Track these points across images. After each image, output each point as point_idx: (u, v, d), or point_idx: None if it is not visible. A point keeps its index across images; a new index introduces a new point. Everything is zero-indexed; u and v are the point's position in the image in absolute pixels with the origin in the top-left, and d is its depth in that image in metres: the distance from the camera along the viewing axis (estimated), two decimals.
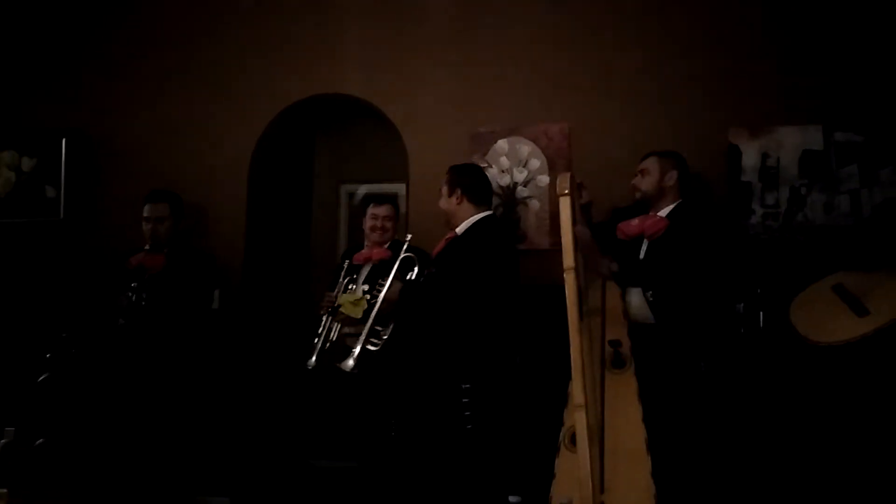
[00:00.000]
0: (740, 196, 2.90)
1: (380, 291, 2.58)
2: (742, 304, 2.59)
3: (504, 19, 3.26)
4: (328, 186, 4.25)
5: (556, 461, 1.69)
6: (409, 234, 2.72)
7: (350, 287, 2.89)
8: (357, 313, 2.73)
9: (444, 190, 2.65)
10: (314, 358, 2.78)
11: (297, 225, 4.08)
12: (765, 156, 2.90)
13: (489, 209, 2.67)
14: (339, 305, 2.77)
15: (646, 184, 2.56)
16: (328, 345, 2.83)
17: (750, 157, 2.91)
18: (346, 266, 2.97)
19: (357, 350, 2.47)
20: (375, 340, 2.56)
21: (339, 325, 2.84)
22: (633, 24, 3.11)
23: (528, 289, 2.68)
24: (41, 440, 2.77)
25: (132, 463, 2.87)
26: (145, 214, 3.11)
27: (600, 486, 1.46)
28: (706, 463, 2.21)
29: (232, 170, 3.45)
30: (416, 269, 2.62)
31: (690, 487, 2.07)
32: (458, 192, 2.61)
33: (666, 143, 2.72)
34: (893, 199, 2.73)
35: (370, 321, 2.54)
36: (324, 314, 2.86)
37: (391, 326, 2.61)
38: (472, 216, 2.60)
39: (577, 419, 1.42)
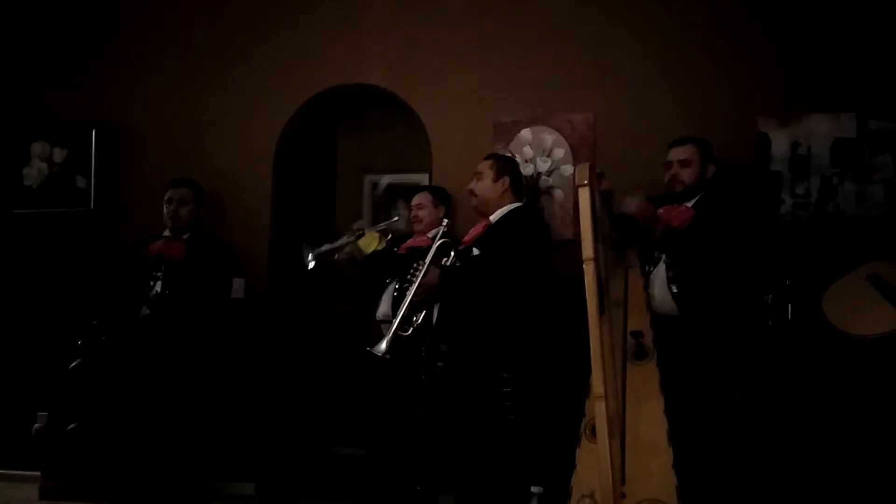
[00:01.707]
0: (769, 185, 2.84)
1: (414, 277, 2.57)
2: (770, 296, 2.54)
3: (529, 7, 3.23)
4: (351, 176, 4.27)
5: (577, 452, 1.68)
6: (445, 219, 2.75)
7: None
8: (366, 248, 2.88)
9: (490, 175, 2.64)
10: (312, 255, 2.86)
11: (320, 215, 4.11)
12: (795, 144, 2.84)
13: (521, 202, 2.72)
14: (363, 234, 2.88)
15: (690, 176, 2.48)
16: (333, 256, 2.96)
17: (780, 145, 2.85)
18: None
19: (389, 335, 2.48)
20: (406, 326, 2.58)
21: (350, 250, 2.94)
22: (659, 12, 3.06)
23: (552, 279, 2.67)
24: (73, 425, 2.85)
25: (160, 448, 2.93)
26: (168, 196, 3.18)
27: (621, 477, 1.45)
28: (729, 456, 2.18)
29: (257, 160, 3.49)
30: (451, 255, 2.64)
31: (713, 480, 2.05)
32: (507, 180, 2.66)
33: (693, 132, 2.67)
34: None
35: (403, 307, 2.54)
36: (348, 234, 2.95)
37: (423, 313, 2.64)
38: (508, 205, 2.65)
39: (598, 410, 1.41)
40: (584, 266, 1.47)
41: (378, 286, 3.10)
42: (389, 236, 3.04)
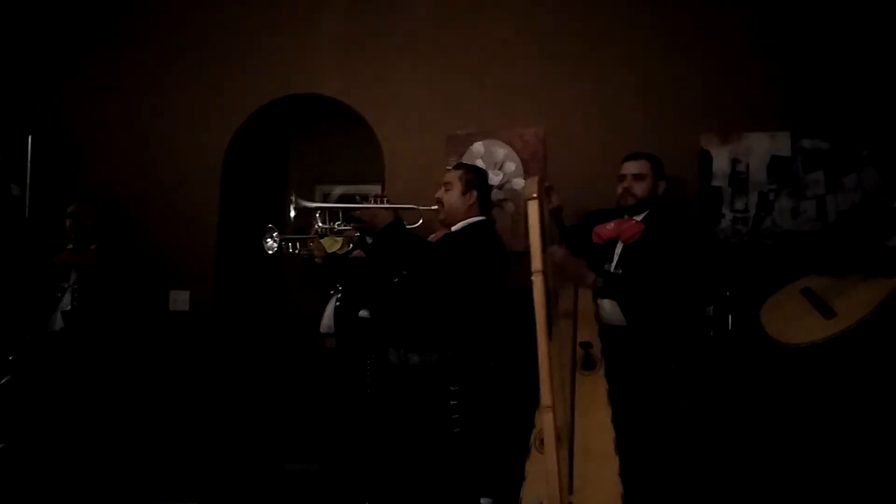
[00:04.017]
0: (711, 201, 2.95)
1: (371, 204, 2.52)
2: (712, 308, 2.62)
3: (481, 23, 3.28)
4: (303, 187, 4.23)
5: (527, 463, 1.68)
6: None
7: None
8: (328, 248, 2.79)
9: (459, 186, 2.57)
10: (277, 238, 2.82)
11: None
12: (735, 161, 2.95)
13: (485, 217, 2.66)
14: (323, 236, 2.79)
15: (643, 189, 2.53)
16: (294, 248, 2.88)
17: (720, 162, 2.96)
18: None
19: (311, 203, 2.49)
20: (326, 221, 2.59)
21: (312, 246, 2.87)
22: (608, 31, 3.15)
23: (504, 292, 2.69)
24: (2, 445, 2.70)
25: (97, 469, 2.81)
26: (69, 210, 3.12)
27: (569, 486, 1.47)
28: (674, 463, 2.24)
29: (205, 169, 3.41)
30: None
31: (658, 487, 2.10)
32: (475, 193, 2.59)
33: (639, 147, 2.75)
34: (858, 206, 2.79)
35: (343, 204, 2.51)
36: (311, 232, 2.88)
37: (342, 229, 2.61)
38: (471, 217, 2.59)
39: (545, 420, 1.42)
40: (532, 278, 1.48)
41: (322, 299, 3.07)
42: (351, 246, 2.99)
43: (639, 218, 2.54)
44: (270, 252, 2.85)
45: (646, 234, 2.48)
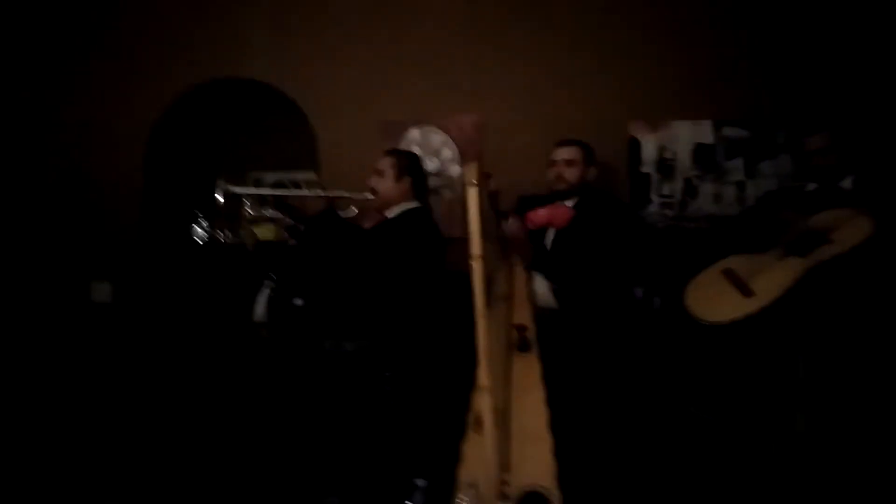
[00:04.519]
0: (640, 186, 3.05)
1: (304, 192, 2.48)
2: (641, 290, 2.72)
3: (416, 9, 3.25)
4: (235, 173, 4.09)
5: (464, 445, 1.70)
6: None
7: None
8: (259, 236, 2.72)
9: (392, 174, 2.53)
10: (207, 227, 2.73)
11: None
12: (662, 148, 3.07)
13: (421, 204, 2.63)
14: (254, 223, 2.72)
15: (574, 175, 2.59)
16: (224, 237, 2.76)
17: (649, 149, 3.07)
18: None
19: (256, 191, 2.44)
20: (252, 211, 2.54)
21: (244, 235, 2.76)
22: (541, 19, 3.19)
23: (440, 277, 2.70)
24: None
25: (12, 468, 2.66)
26: None
27: (505, 465, 1.49)
28: (605, 440, 2.32)
29: (127, 155, 3.26)
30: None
31: (590, 464, 2.17)
32: (409, 181, 2.55)
33: (572, 135, 2.81)
34: (774, 191, 2.95)
35: (270, 190, 2.47)
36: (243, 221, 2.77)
37: (273, 217, 2.56)
38: (406, 204, 2.56)
39: (482, 401, 1.44)
40: (471, 263, 1.49)
41: (254, 289, 2.99)
42: (284, 234, 2.92)
43: (570, 203, 2.60)
44: (199, 241, 2.74)
45: (576, 220, 2.54)
